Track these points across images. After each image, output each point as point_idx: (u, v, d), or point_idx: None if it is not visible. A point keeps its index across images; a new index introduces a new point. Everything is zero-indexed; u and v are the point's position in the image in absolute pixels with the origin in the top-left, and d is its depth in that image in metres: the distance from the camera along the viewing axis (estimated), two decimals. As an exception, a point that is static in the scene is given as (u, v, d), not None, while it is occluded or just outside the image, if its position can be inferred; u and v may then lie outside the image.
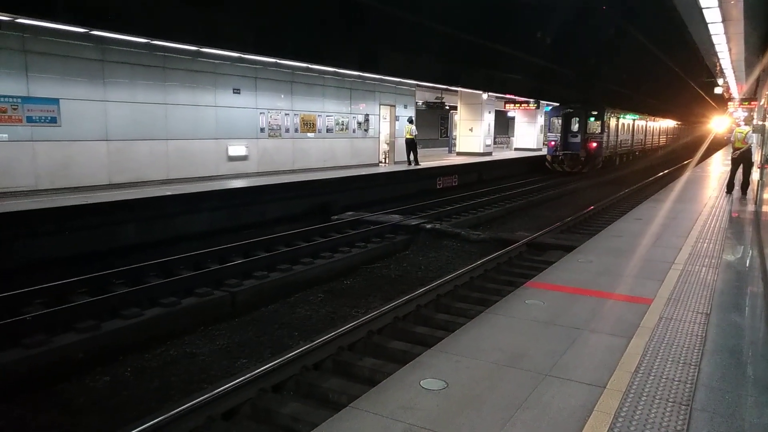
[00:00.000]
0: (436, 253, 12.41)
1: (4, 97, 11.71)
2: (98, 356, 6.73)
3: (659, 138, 51.00)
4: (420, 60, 20.56)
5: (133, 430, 4.61)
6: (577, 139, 30.18)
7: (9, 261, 9.78)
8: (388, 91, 23.61)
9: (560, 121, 30.48)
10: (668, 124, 55.83)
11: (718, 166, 26.80)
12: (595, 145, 30.17)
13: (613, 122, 32.40)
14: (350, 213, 15.56)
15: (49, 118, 12.39)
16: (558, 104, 31.44)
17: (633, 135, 38.82)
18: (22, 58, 11.93)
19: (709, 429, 3.54)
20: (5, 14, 10.39)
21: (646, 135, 43.78)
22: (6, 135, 11.77)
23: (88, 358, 6.67)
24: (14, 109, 11.82)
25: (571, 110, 30.44)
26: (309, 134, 19.77)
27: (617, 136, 33.85)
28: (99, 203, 11.42)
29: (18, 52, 11.86)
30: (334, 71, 19.53)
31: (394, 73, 20.60)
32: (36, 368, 6.28)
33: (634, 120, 38.69)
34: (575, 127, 30.39)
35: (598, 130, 30.38)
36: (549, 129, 31.43)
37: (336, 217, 15.14)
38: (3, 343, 6.52)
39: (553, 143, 30.74)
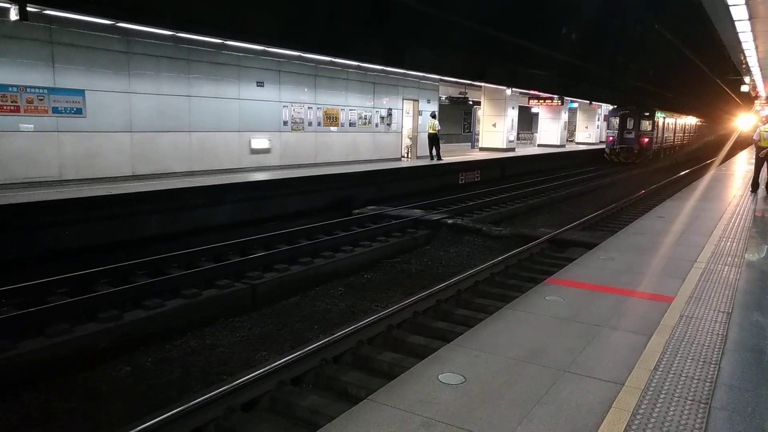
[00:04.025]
0: (457, 248, 12.38)
1: (31, 87, 11.85)
2: (120, 346, 6.83)
3: (691, 135, 53.31)
4: (444, 55, 20.43)
5: (154, 418, 4.67)
6: (632, 135, 35.62)
7: (33, 249, 9.94)
8: (411, 85, 23.53)
9: (618, 120, 35.94)
10: (697, 121, 55.63)
11: (743, 164, 26.45)
12: (646, 140, 35.56)
13: (660, 121, 37.44)
14: (372, 207, 15.57)
15: (74, 109, 12.53)
16: (615, 106, 36.91)
17: (674, 132, 44.13)
18: (48, 49, 12.06)
19: (728, 428, 3.51)
20: (36, 5, 10.50)
21: (684, 132, 48.34)
22: (32, 125, 11.91)
23: (110, 347, 6.76)
24: (40, 99, 11.97)
25: (627, 111, 35.85)
26: (332, 128, 19.80)
27: (663, 133, 39.03)
28: (124, 194, 11.56)
29: (45, 43, 12.00)
30: (358, 65, 19.50)
31: (419, 67, 20.48)
32: (59, 356, 6.38)
33: (675, 119, 43.98)
34: (630, 125, 35.69)
35: (649, 128, 35.63)
36: (607, 127, 37.39)
37: (357, 211, 15.15)
38: (27, 331, 6.64)
39: (611, 138, 36.35)
